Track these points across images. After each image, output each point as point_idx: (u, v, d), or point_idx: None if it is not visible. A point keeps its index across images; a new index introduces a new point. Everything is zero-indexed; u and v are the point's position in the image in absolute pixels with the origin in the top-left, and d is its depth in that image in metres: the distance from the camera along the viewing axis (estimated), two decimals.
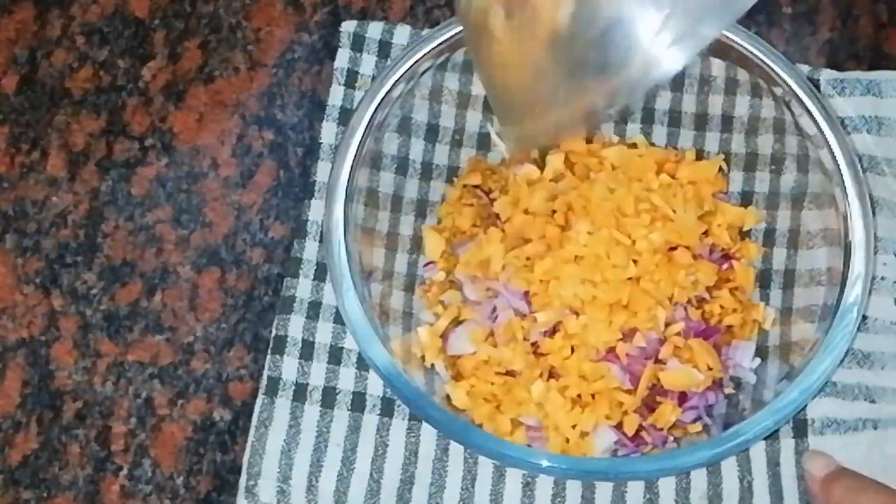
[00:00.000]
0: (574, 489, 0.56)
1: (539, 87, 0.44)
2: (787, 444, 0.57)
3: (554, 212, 0.58)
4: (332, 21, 0.68)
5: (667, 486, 0.56)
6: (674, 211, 0.58)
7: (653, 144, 0.63)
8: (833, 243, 0.56)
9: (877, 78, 0.63)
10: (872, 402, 0.57)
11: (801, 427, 0.57)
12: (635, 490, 0.56)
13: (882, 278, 0.59)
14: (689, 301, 0.57)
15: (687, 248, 0.58)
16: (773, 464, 0.56)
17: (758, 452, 0.57)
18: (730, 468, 0.57)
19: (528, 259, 0.57)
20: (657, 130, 0.64)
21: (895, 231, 0.60)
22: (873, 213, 0.55)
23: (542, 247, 0.57)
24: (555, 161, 0.60)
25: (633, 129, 0.64)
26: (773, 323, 0.59)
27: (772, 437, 0.56)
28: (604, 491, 0.56)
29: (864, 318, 0.58)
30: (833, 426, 0.57)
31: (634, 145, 0.63)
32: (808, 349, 0.54)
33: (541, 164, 0.61)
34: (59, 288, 0.62)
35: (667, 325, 0.56)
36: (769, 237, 0.61)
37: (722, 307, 0.58)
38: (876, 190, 0.61)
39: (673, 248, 0.58)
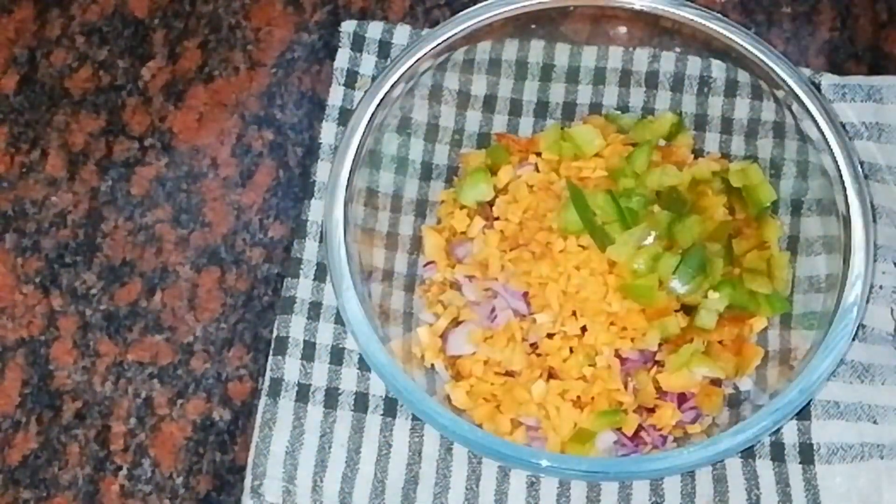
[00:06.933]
0: (579, 489, 0.56)
1: None
2: (794, 469, 0.56)
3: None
4: (332, 21, 0.68)
5: (672, 490, 0.56)
6: None
7: None
8: (833, 250, 0.56)
9: (878, 84, 0.63)
10: (875, 422, 0.56)
11: (807, 452, 0.56)
12: (640, 491, 0.56)
13: (880, 287, 0.59)
14: None
15: None
16: (783, 484, 0.56)
17: (765, 470, 0.56)
18: (737, 479, 0.56)
19: (525, 261, 0.57)
20: None
21: (894, 240, 0.60)
22: (874, 220, 0.55)
23: (538, 248, 0.57)
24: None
25: None
26: (771, 327, 0.59)
27: (778, 458, 0.56)
28: (609, 492, 0.56)
29: (863, 326, 0.58)
30: (839, 453, 0.56)
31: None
32: (807, 352, 0.54)
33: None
34: (58, 288, 0.62)
35: None
36: None
37: None
38: (877, 197, 0.60)
39: None
